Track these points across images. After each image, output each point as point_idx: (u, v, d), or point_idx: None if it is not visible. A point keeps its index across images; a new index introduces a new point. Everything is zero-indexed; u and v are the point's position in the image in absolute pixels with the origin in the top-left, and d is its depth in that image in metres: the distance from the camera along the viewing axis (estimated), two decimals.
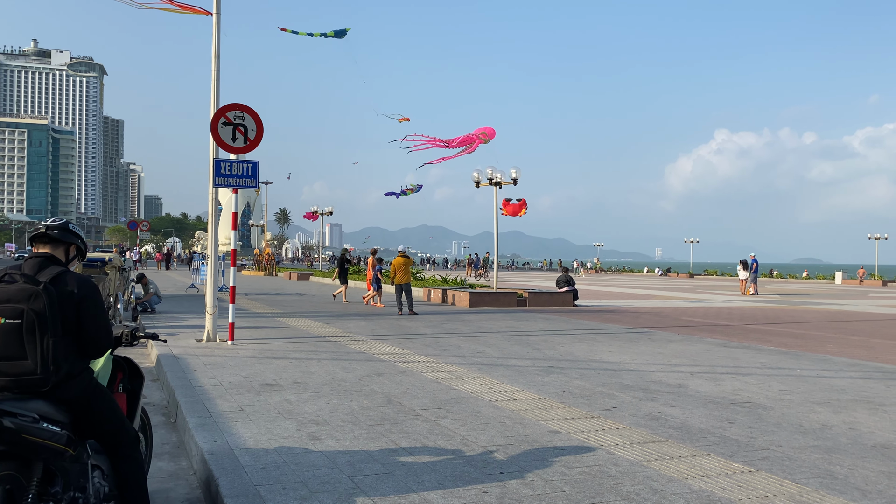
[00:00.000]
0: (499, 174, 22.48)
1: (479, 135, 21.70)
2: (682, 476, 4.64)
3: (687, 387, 7.99)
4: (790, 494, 4.33)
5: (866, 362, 10.29)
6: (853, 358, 10.73)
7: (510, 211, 22.58)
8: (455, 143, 21.85)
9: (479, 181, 23.05)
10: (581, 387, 7.87)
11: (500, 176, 22.46)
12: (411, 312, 17.27)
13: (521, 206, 22.75)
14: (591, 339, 12.54)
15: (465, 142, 21.76)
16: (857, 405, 7.12)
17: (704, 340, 12.72)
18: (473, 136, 21.76)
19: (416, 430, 5.76)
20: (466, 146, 21.75)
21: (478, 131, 21.83)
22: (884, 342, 13.18)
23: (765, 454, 5.23)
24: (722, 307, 22.72)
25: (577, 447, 5.31)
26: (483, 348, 11.03)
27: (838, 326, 16.39)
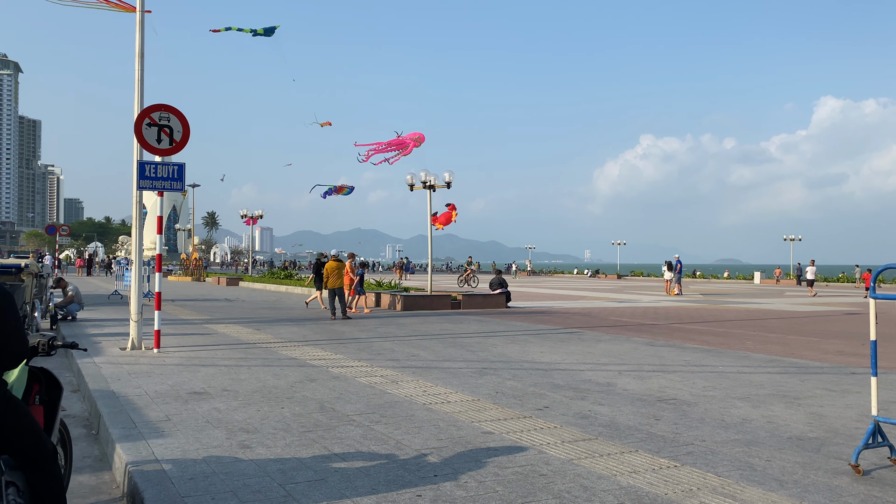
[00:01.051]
0: (432, 178, 22.55)
1: (411, 139, 21.70)
2: (611, 473, 4.76)
3: (615, 385, 8.20)
4: (713, 487, 4.49)
5: (783, 358, 10.77)
6: (771, 354, 11.22)
7: (442, 221, 22.63)
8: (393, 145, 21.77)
9: (412, 184, 23.06)
10: (514, 387, 7.97)
11: (433, 179, 22.53)
12: (344, 317, 17.13)
13: (451, 212, 22.83)
14: (523, 341, 12.71)
15: (400, 145, 21.71)
16: (774, 399, 7.45)
17: (632, 340, 13.07)
18: (407, 139, 21.75)
19: (349, 435, 5.71)
20: (401, 150, 21.71)
21: (410, 135, 21.82)
22: (799, 339, 13.83)
23: (689, 449, 5.42)
24: (648, 307, 23.39)
25: (510, 447, 5.38)
26: (417, 351, 11.04)
27: (757, 324, 17.10)
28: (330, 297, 17.41)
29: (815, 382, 8.54)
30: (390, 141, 21.74)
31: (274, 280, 35.22)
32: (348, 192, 23.52)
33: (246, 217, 46.44)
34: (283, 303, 23.17)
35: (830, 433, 5.99)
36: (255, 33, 13.48)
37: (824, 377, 8.96)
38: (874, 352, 5.07)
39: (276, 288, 32.41)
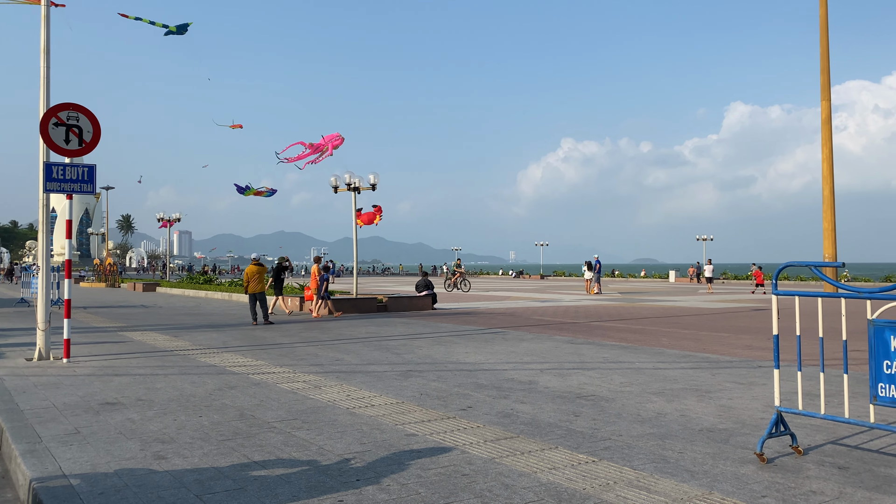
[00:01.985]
0: (357, 180, 22.39)
1: (330, 140, 21.42)
2: (531, 470, 4.85)
3: (537, 383, 8.35)
4: (629, 480, 4.64)
5: (695, 353, 11.22)
6: (684, 350, 11.67)
7: (365, 220, 22.46)
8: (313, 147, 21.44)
9: (336, 186, 22.83)
10: (438, 389, 8.01)
11: (358, 181, 22.38)
12: (266, 322, 16.80)
13: (376, 213, 22.71)
14: (448, 342, 12.78)
15: (319, 148, 21.40)
16: (687, 393, 7.76)
17: (553, 338, 13.35)
18: (325, 141, 21.46)
19: (270, 442, 5.61)
20: (321, 152, 21.41)
21: (328, 137, 21.54)
22: (710, 334, 14.44)
23: (607, 444, 5.57)
24: (570, 306, 23.93)
25: (433, 448, 5.40)
26: (341, 356, 10.94)
27: (671, 321, 17.76)
28: (251, 302, 17.04)
29: (725, 376, 8.93)
30: (311, 143, 21.41)
31: (193, 285, 34.21)
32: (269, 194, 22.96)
33: (162, 220, 44.90)
34: (202, 308, 22.54)
35: (738, 424, 6.28)
36: (167, 30, 13.05)
37: (733, 371, 9.39)
38: (776, 346, 5.35)
39: (196, 293, 31.49)
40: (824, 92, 20.51)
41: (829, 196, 20.02)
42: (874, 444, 5.56)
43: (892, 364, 4.65)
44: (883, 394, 4.73)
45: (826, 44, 20.84)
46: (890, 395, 4.68)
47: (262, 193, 22.43)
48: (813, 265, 5.34)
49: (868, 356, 4.80)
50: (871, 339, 4.77)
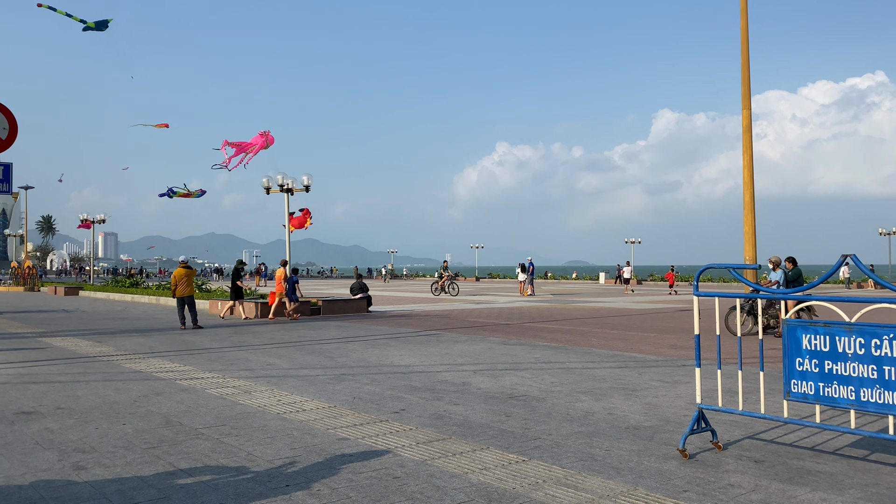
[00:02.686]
0: (290, 181, 22.07)
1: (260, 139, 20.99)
2: (462, 471, 4.89)
3: (470, 384, 8.42)
4: (557, 478, 4.73)
5: (623, 353, 11.52)
6: (612, 350, 11.96)
7: (295, 224, 22.11)
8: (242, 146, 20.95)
9: (269, 188, 22.45)
10: (371, 392, 7.98)
11: (291, 182, 22.06)
12: (195, 326, 16.38)
13: (306, 217, 22.39)
14: (383, 345, 12.74)
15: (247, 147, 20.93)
16: (614, 392, 7.96)
17: (487, 339, 13.47)
18: (255, 140, 21.02)
19: (197, 449, 5.48)
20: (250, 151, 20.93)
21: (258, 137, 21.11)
22: (637, 334, 14.84)
23: (537, 443, 5.67)
24: (503, 307, 24.19)
25: (365, 452, 5.38)
26: (273, 360, 10.77)
27: (601, 322, 18.17)
28: (179, 306, 16.58)
29: (651, 375, 9.20)
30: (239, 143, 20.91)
31: (118, 289, 33.04)
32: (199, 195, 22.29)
33: (85, 221, 43.19)
34: (128, 313, 21.81)
35: (663, 421, 6.48)
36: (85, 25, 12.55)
37: (659, 370, 9.68)
38: (698, 345, 5.55)
39: (122, 297, 30.44)
40: (745, 101, 21.37)
41: (749, 201, 20.86)
42: (788, 437, 5.83)
43: (805, 361, 4.90)
44: (796, 390, 4.97)
45: (746, 55, 21.72)
46: (802, 391, 4.92)
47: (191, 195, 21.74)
48: (732, 267, 5.57)
49: (782, 354, 5.03)
50: (785, 338, 5.01)
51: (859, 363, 4.61)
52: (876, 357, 4.52)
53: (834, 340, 4.74)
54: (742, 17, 22.07)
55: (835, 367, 4.74)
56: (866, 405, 4.58)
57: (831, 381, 4.76)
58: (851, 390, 4.65)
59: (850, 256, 4.81)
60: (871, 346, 4.55)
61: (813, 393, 4.85)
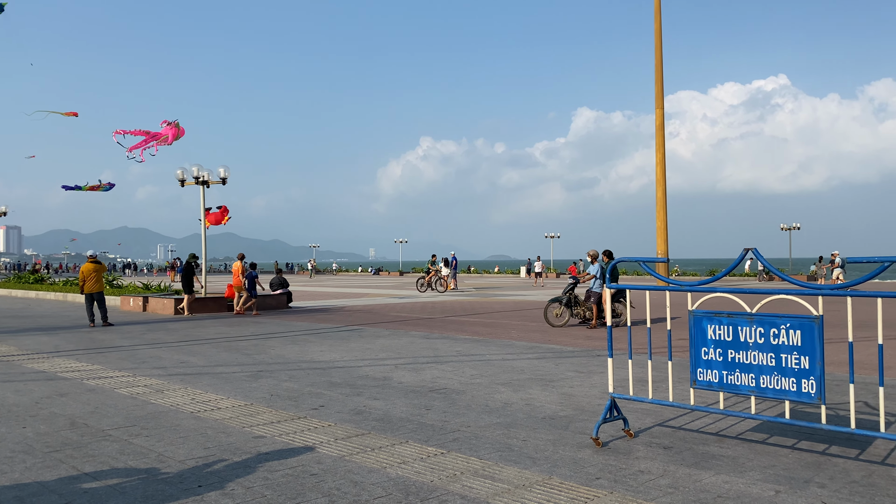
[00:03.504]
0: (206, 173, 21.41)
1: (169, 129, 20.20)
2: (381, 466, 4.87)
3: (391, 379, 8.41)
4: (475, 470, 4.78)
5: (541, 344, 11.76)
6: (531, 342, 12.19)
7: (212, 221, 21.47)
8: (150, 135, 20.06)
9: (183, 180, 21.70)
10: (290, 388, 7.85)
11: (207, 175, 21.40)
12: (105, 324, 15.71)
13: (223, 214, 21.79)
14: (303, 341, 12.56)
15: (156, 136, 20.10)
16: (532, 383, 8.11)
17: (409, 334, 13.49)
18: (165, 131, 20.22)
19: (104, 452, 5.25)
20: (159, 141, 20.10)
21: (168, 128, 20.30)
22: (556, 326, 15.16)
23: (456, 435, 5.72)
24: (426, 302, 24.26)
25: (282, 450, 5.29)
26: (187, 357, 10.44)
27: (521, 314, 18.49)
28: (87, 303, 15.86)
29: (567, 366, 9.43)
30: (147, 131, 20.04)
31: (21, 285, 31.32)
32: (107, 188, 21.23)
33: None
34: (32, 310, 20.71)
35: (578, 411, 6.65)
36: None
37: (575, 360, 9.92)
38: (610, 336, 5.72)
39: (25, 294, 28.88)
40: (658, 101, 22.12)
41: (661, 197, 21.63)
42: (695, 424, 6.09)
43: (710, 350, 5.12)
44: (701, 378, 5.19)
45: (660, 56, 22.49)
46: (707, 379, 5.15)
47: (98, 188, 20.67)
48: (642, 260, 5.76)
49: (689, 344, 5.25)
50: (692, 328, 5.23)
51: (759, 352, 4.86)
52: (774, 346, 4.77)
53: (736, 330, 4.97)
54: (656, 19, 22.84)
55: (737, 355, 4.97)
56: (765, 391, 4.83)
57: (734, 369, 4.99)
58: (752, 378, 4.90)
59: (752, 250, 5.06)
60: (770, 335, 4.80)
61: (717, 381, 5.08)
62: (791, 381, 4.69)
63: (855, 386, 7.37)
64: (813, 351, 4.59)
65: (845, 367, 8.49)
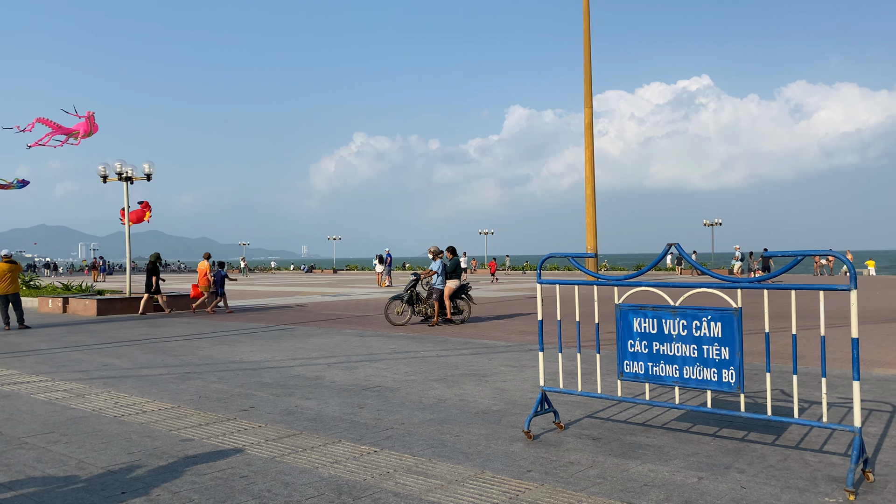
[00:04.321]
0: (129, 168, 20.67)
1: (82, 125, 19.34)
2: (313, 466, 4.82)
3: (324, 378, 8.32)
4: (408, 467, 4.78)
5: (475, 340, 11.85)
6: (465, 337, 12.27)
7: (133, 219, 20.77)
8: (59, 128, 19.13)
9: (105, 176, 20.90)
10: (219, 390, 7.67)
11: (130, 170, 20.67)
12: (21, 326, 15.00)
13: (145, 211, 21.09)
14: (233, 341, 12.29)
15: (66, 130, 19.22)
16: (466, 379, 8.17)
17: (343, 332, 13.37)
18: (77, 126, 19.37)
19: (19, 460, 5.02)
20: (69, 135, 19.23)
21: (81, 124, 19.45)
22: (489, 322, 15.31)
23: (389, 433, 5.70)
24: (361, 299, 24.11)
25: (211, 453, 5.17)
26: (111, 360, 10.08)
27: None
28: (2, 305, 15.10)
29: (500, 360, 9.53)
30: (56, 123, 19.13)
31: None
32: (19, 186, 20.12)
33: None
34: None
35: (510, 405, 6.73)
36: None
37: (508, 355, 10.05)
38: (541, 330, 5.81)
39: None
40: (587, 100, 22.60)
41: (591, 194, 22.11)
42: (622, 415, 6.25)
43: (636, 343, 5.26)
44: (628, 370, 5.33)
45: (588, 56, 22.95)
46: (633, 371, 5.29)
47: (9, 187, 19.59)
48: (570, 256, 5.87)
49: (616, 337, 5.38)
50: (618, 322, 5.36)
51: (683, 343, 5.02)
52: (696, 337, 4.94)
53: (661, 323, 5.13)
54: (585, 21, 23.32)
55: (662, 347, 5.13)
56: (688, 382, 5.00)
57: (659, 360, 5.15)
58: (676, 369, 5.06)
59: (675, 245, 5.22)
60: (692, 327, 4.97)
61: (643, 372, 5.23)
62: (712, 372, 4.87)
63: (771, 375, 7.71)
64: (732, 342, 4.77)
65: (763, 357, 8.88)
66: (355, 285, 36.84)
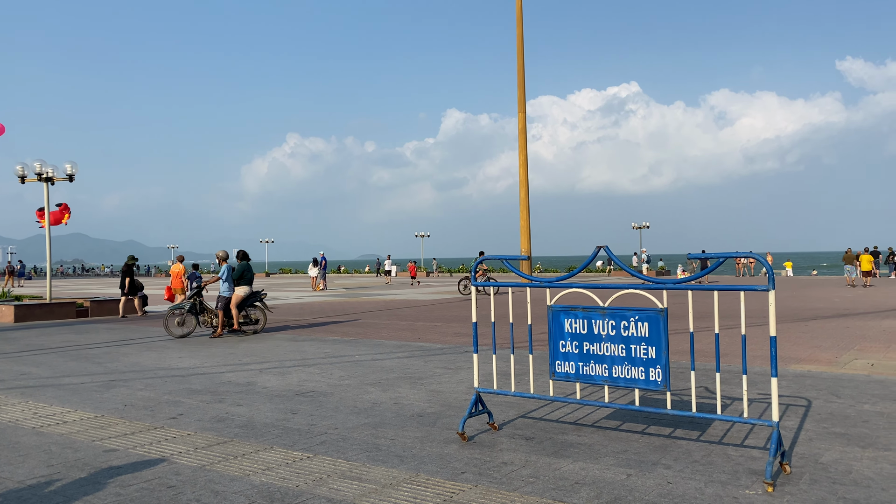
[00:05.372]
0: (50, 168, 19.81)
1: None
2: (244, 473, 4.72)
3: (256, 384, 8.17)
4: (342, 472, 4.74)
5: (411, 343, 11.85)
6: (401, 340, 12.25)
7: (52, 220, 19.94)
8: None
9: (24, 176, 19.97)
10: (146, 398, 7.44)
11: (51, 171, 19.81)
12: None
13: (63, 213, 20.29)
14: (161, 347, 11.93)
15: None
16: (401, 382, 8.15)
17: (275, 337, 13.15)
18: None
19: None
20: None
21: None
22: (425, 324, 15.34)
23: (323, 438, 5.64)
24: (294, 303, 23.78)
25: (136, 463, 5.00)
26: (29, 368, 9.63)
27: (391, 313, 18.54)
28: None
29: (436, 363, 9.55)
30: None
31: None
32: None
33: None
34: None
35: (445, 407, 6.76)
36: None
37: (444, 357, 10.08)
38: (475, 332, 5.86)
39: None
40: (520, 105, 22.90)
41: (524, 197, 22.42)
42: (554, 414, 6.36)
43: (567, 343, 5.36)
44: (560, 370, 5.43)
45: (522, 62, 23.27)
46: (565, 370, 5.39)
47: None
48: (504, 258, 5.94)
49: (548, 338, 5.47)
50: (550, 322, 5.46)
51: (612, 343, 5.15)
52: (625, 337, 5.08)
53: (591, 323, 5.24)
54: (518, 26, 23.65)
55: (592, 347, 5.24)
56: (617, 381, 5.13)
57: (589, 360, 5.26)
58: (605, 368, 5.18)
59: (604, 248, 5.35)
60: (620, 327, 5.10)
61: (574, 372, 5.33)
62: (640, 371, 5.01)
63: (696, 373, 8.00)
64: (659, 341, 4.92)
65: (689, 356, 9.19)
66: (289, 289, 36.31)
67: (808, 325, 13.77)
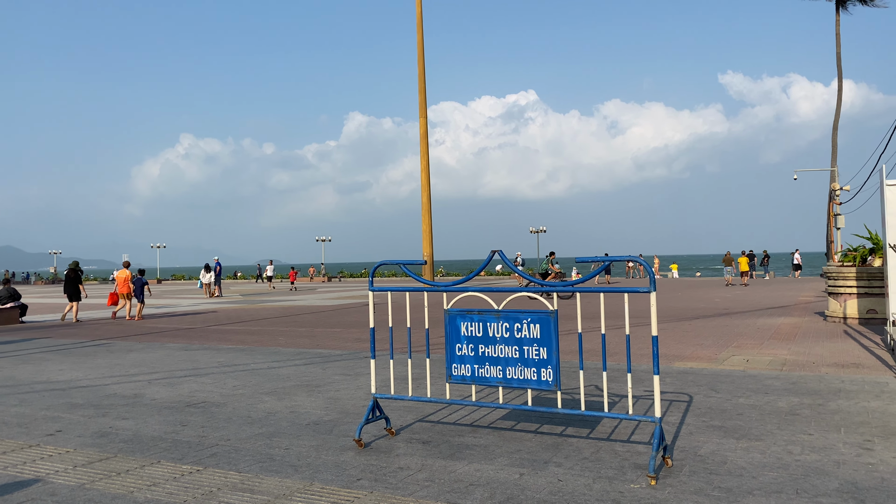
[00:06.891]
0: None
1: None
2: (128, 491, 4.50)
3: (143, 395, 7.80)
4: (233, 484, 4.60)
5: (309, 350, 11.66)
6: (299, 347, 12.03)
7: None
8: None
9: None
10: (20, 414, 6.95)
11: None
12: None
13: None
14: (39, 359, 11.19)
15: None
16: (298, 390, 8.00)
17: (166, 346, 12.62)
18: None
19: None
20: None
21: None
22: (325, 330, 15.13)
23: (214, 451, 5.46)
24: (187, 311, 22.90)
25: (7, 485, 4.67)
26: None
27: (290, 320, 18.18)
28: None
29: (335, 369, 9.44)
30: None
31: None
32: None
33: None
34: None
35: (343, 414, 6.69)
36: None
37: (343, 363, 9.98)
38: (373, 337, 5.84)
39: None
40: (422, 110, 23.04)
41: (426, 202, 22.56)
42: (452, 417, 6.43)
43: (463, 346, 5.43)
44: (456, 373, 5.49)
45: (423, 69, 23.42)
46: (461, 373, 5.46)
47: None
48: (402, 263, 5.95)
49: (445, 341, 5.52)
50: (447, 326, 5.51)
51: (506, 345, 5.26)
52: (518, 339, 5.20)
53: (486, 326, 5.33)
54: (418, 32, 23.79)
55: (487, 349, 5.34)
56: (511, 382, 5.24)
57: (484, 362, 5.35)
58: (500, 370, 5.28)
59: (498, 252, 5.46)
60: (514, 329, 5.22)
61: (470, 374, 5.41)
62: (532, 371, 5.14)
63: (585, 372, 8.29)
64: (550, 342, 5.07)
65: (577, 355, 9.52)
66: (181, 296, 34.96)
67: (692, 323, 14.56)
